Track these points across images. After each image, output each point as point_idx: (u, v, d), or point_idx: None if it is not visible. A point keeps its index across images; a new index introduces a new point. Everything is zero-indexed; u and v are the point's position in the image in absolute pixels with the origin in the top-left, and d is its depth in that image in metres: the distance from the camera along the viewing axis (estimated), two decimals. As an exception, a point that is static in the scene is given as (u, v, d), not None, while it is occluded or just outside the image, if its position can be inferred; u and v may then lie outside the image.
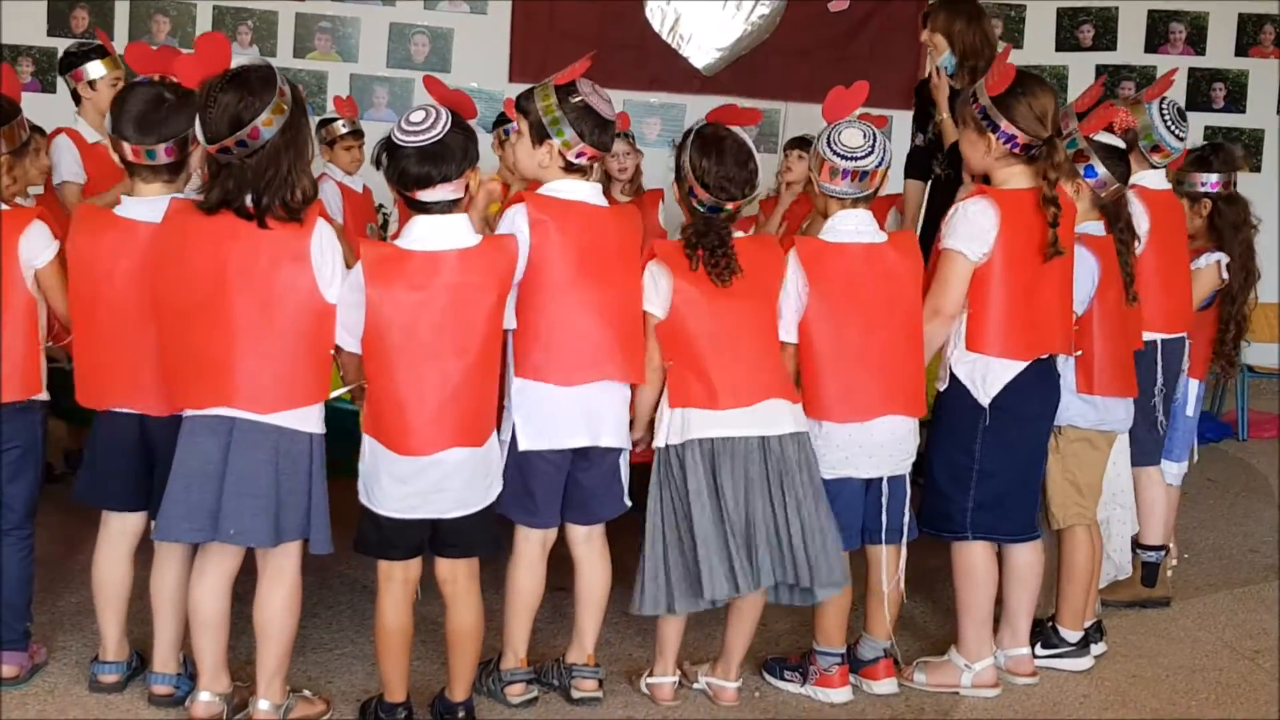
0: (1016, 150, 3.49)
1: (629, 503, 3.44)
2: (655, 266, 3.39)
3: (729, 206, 3.38)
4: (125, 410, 3.26)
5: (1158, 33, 8.83)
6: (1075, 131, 3.76)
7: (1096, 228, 3.81)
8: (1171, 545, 4.58)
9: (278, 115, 3.01)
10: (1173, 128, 4.16)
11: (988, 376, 3.53)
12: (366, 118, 7.88)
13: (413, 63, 8.43)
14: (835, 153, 3.42)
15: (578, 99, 3.30)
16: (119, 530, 3.40)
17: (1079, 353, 3.71)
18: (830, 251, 3.48)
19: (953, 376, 3.58)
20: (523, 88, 3.44)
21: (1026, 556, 3.71)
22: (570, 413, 3.31)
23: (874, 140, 3.43)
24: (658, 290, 3.37)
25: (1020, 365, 3.53)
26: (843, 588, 3.46)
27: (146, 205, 3.20)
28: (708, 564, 3.28)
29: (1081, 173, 3.77)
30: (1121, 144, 3.90)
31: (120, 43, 8.27)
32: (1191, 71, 8.78)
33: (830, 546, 3.36)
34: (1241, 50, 8.84)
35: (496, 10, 8.38)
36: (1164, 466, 4.44)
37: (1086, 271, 3.69)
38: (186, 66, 3.09)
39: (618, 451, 3.41)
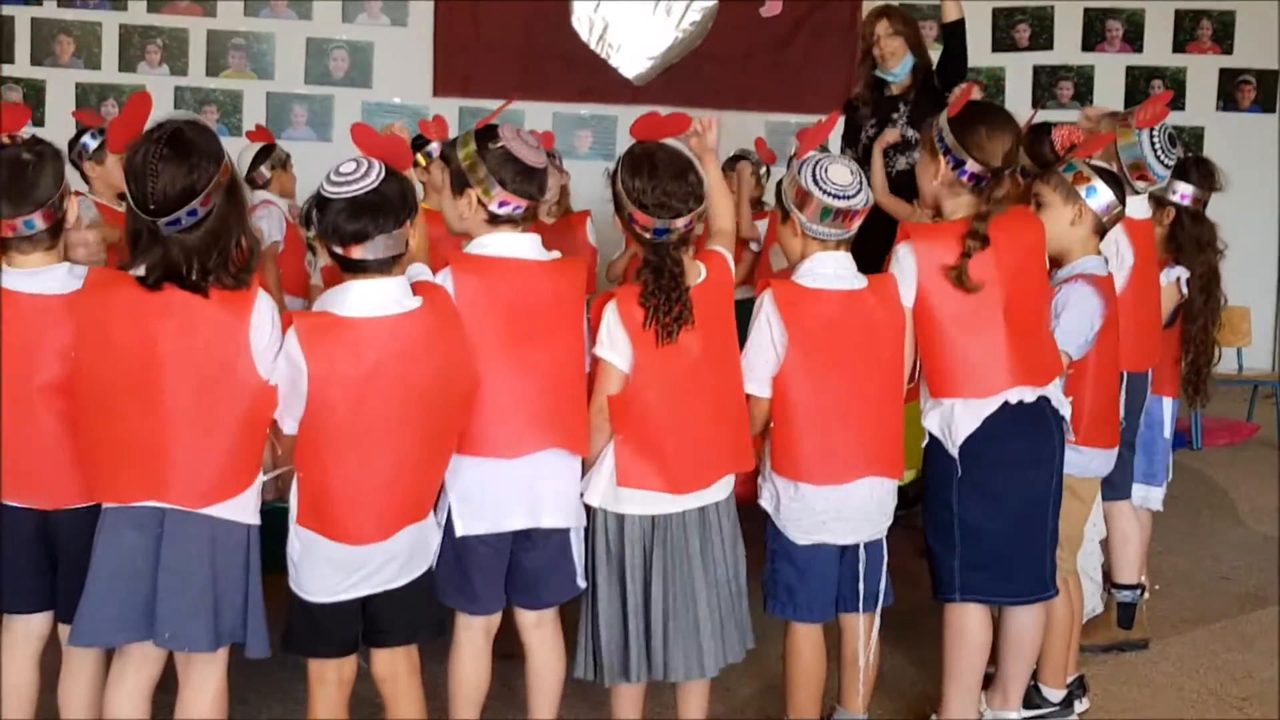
0: (965, 179, 3.26)
1: (583, 584, 3.14)
2: (613, 315, 3.04)
3: (676, 224, 3.03)
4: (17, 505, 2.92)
5: (1095, 31, 8.74)
6: (1070, 156, 3.52)
7: (1098, 265, 3.52)
8: (1143, 579, 4.39)
9: (224, 177, 2.73)
10: (1161, 155, 3.87)
11: (953, 423, 3.29)
12: (285, 137, 7.59)
13: (332, 78, 8.14)
14: (826, 191, 3.11)
15: (498, 145, 3.00)
16: (23, 634, 3.03)
17: (1069, 398, 3.42)
18: (809, 298, 3.17)
19: (928, 430, 3.35)
20: (448, 102, 3.18)
21: (1028, 619, 3.43)
22: (508, 492, 3.01)
23: (860, 176, 3.17)
24: (612, 341, 3.04)
25: (988, 408, 3.27)
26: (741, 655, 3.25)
27: (29, 277, 2.86)
28: (607, 650, 3.11)
29: (1083, 194, 3.47)
30: (1111, 168, 3.60)
31: (23, 65, 7.93)
32: (1129, 69, 8.71)
33: (742, 618, 3.21)
34: (1179, 47, 8.77)
35: (418, 22, 8.07)
36: (1146, 493, 4.28)
37: (1087, 314, 3.41)
38: (116, 130, 2.82)
39: (565, 531, 3.11)
